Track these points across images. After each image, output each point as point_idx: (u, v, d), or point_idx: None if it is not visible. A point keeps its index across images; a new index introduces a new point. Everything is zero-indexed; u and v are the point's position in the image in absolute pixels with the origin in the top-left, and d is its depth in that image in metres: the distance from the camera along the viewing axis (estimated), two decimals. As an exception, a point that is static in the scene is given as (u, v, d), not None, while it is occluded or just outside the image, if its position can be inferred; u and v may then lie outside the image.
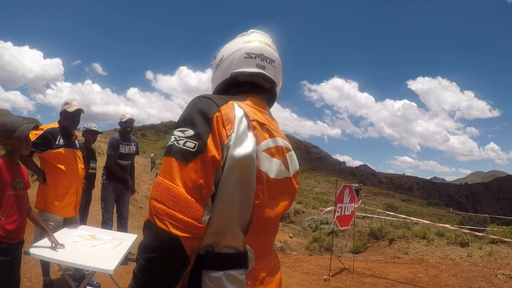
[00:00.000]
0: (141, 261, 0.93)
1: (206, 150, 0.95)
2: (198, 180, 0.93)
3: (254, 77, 1.19)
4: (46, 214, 3.23)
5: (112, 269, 2.39)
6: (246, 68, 1.17)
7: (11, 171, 2.31)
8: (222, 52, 1.25)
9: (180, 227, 0.90)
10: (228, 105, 1.04)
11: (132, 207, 7.49)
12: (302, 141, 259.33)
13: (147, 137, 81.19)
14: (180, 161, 0.94)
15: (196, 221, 0.92)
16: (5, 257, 2.23)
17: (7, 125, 2.32)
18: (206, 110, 1.00)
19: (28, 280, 3.66)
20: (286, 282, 4.94)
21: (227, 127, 0.99)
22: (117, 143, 4.67)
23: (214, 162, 0.95)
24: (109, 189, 4.66)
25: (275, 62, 1.23)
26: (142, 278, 0.93)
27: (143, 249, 0.93)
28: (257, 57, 1.19)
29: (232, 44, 1.24)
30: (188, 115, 1.01)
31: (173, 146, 0.97)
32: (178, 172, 0.94)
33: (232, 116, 1.02)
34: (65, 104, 3.45)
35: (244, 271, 1.03)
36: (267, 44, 1.24)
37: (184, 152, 0.95)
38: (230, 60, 1.19)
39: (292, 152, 1.27)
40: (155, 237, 0.91)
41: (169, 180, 0.94)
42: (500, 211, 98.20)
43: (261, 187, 1.04)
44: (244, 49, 1.19)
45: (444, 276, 5.64)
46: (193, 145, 0.95)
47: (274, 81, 1.23)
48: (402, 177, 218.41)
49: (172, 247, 0.90)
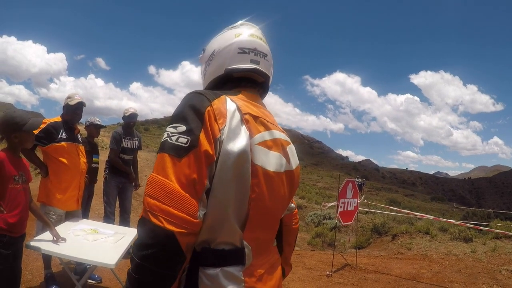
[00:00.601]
0: (136, 260, 0.90)
1: (199, 145, 0.94)
2: (192, 175, 0.92)
3: (249, 72, 1.18)
4: (48, 207, 3.24)
5: (113, 263, 2.39)
6: (240, 64, 1.16)
7: (14, 165, 2.31)
8: (212, 46, 1.22)
9: (175, 222, 0.89)
10: (220, 100, 1.03)
11: (135, 201, 7.49)
12: (305, 136, 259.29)
13: (150, 132, 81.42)
14: (173, 156, 0.94)
15: (191, 217, 0.90)
16: (7, 250, 2.24)
17: (16, 118, 2.32)
18: (197, 105, 0.99)
19: (29, 273, 3.67)
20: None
21: (219, 121, 0.99)
22: (119, 137, 4.68)
23: (207, 157, 0.95)
24: (112, 183, 4.67)
25: (267, 56, 1.23)
26: (137, 277, 0.91)
27: (137, 247, 0.91)
28: (251, 52, 1.18)
29: (222, 37, 1.22)
30: (180, 111, 1.00)
31: (165, 142, 0.96)
32: (171, 167, 0.93)
33: (224, 110, 1.01)
34: (68, 98, 3.49)
35: (241, 267, 1.02)
36: (259, 37, 1.23)
37: (177, 148, 0.94)
38: (222, 55, 1.18)
39: (292, 145, 1.26)
40: (150, 234, 0.89)
41: (162, 176, 0.93)
42: (504, 205, 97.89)
43: (256, 181, 1.02)
44: (237, 44, 1.17)
45: (448, 272, 5.61)
46: (186, 140, 0.94)
47: (268, 75, 1.23)
48: (405, 172, 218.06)
49: (167, 243, 0.89)
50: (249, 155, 1.01)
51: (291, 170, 1.20)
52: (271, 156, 1.09)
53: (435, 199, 77.13)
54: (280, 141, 1.16)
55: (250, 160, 1.01)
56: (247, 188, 1.01)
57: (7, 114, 2.36)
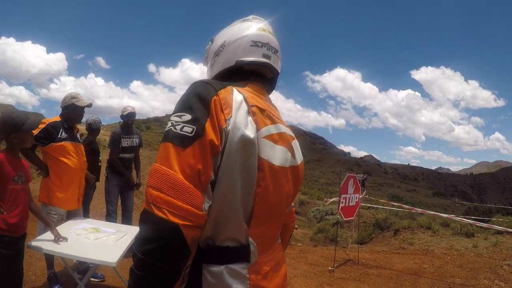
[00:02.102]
0: (139, 255, 0.86)
1: (205, 134, 0.90)
2: (197, 166, 0.88)
3: (259, 66, 1.16)
4: (50, 207, 3.25)
5: (115, 261, 2.40)
6: (252, 57, 1.13)
7: (13, 165, 2.31)
8: (222, 37, 1.19)
9: (179, 215, 0.85)
10: (226, 90, 1.00)
11: (137, 199, 7.51)
12: (307, 132, 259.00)
13: (152, 130, 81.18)
14: (177, 146, 0.90)
15: (196, 208, 0.87)
16: (8, 250, 2.24)
17: (15, 119, 2.31)
18: (203, 94, 0.95)
19: (32, 274, 3.68)
20: (291, 274, 4.94)
21: (226, 111, 0.95)
22: (118, 137, 4.66)
23: (212, 147, 0.91)
24: (113, 182, 4.67)
25: (278, 52, 1.21)
26: (140, 273, 0.87)
27: (140, 241, 0.87)
28: (263, 46, 1.15)
29: (234, 29, 1.19)
30: (185, 99, 0.96)
31: (169, 131, 0.92)
32: (175, 157, 0.89)
33: (231, 100, 0.98)
34: (73, 98, 3.43)
35: (247, 265, 0.99)
36: (271, 33, 1.21)
37: (182, 137, 0.90)
38: (234, 47, 1.14)
39: (296, 140, 1.24)
40: (153, 227, 0.85)
41: (166, 166, 0.89)
42: (505, 201, 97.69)
43: (262, 175, 0.99)
44: (250, 37, 1.15)
45: (449, 267, 5.61)
46: (191, 129, 0.90)
47: (278, 71, 1.22)
48: (407, 167, 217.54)
49: (171, 236, 0.84)
50: (256, 148, 0.97)
51: (296, 166, 1.18)
52: (277, 150, 1.06)
53: (437, 195, 77.07)
54: (286, 136, 1.14)
55: (256, 153, 0.98)
56: (253, 182, 0.98)
57: (6, 114, 2.36)
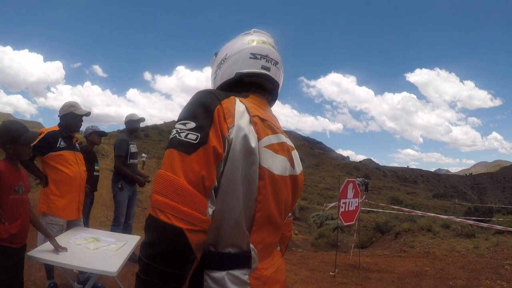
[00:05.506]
0: (144, 260, 0.88)
1: (208, 142, 0.93)
2: (201, 172, 0.91)
3: (259, 78, 1.19)
4: (50, 217, 3.22)
5: (115, 271, 2.39)
6: (251, 69, 1.17)
7: (13, 175, 2.30)
8: (224, 51, 1.23)
9: (183, 219, 0.87)
10: (229, 100, 1.03)
11: (136, 208, 7.48)
12: (305, 137, 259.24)
13: (150, 138, 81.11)
14: (182, 153, 0.92)
15: (200, 213, 0.89)
16: (9, 261, 2.23)
17: (11, 130, 2.31)
18: (207, 103, 0.99)
19: (32, 284, 3.66)
20: (292, 280, 4.92)
21: (228, 120, 0.98)
22: (126, 144, 4.67)
23: (216, 155, 0.94)
24: (125, 193, 4.65)
25: (278, 64, 1.23)
26: (145, 279, 0.89)
27: (145, 246, 0.89)
28: (262, 58, 1.18)
29: (235, 43, 1.23)
30: (190, 108, 0.99)
31: (174, 138, 0.95)
32: (180, 164, 0.91)
33: (233, 110, 1.01)
34: (71, 107, 3.43)
35: (248, 271, 1.01)
36: (271, 45, 1.24)
37: (186, 144, 0.93)
38: (234, 60, 1.18)
39: (296, 151, 1.27)
40: (157, 231, 0.87)
41: (171, 172, 0.91)
42: (506, 200, 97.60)
43: (263, 183, 1.02)
44: (249, 49, 1.18)
45: (451, 269, 5.60)
46: (195, 137, 0.93)
47: (278, 82, 1.24)
48: (406, 170, 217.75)
49: (176, 241, 0.86)
50: (257, 156, 1.00)
51: (295, 175, 1.21)
52: (277, 160, 1.09)
53: (437, 196, 77.03)
54: (286, 146, 1.17)
55: (258, 162, 1.01)
56: (254, 189, 1.01)
57: (4, 125, 2.35)
